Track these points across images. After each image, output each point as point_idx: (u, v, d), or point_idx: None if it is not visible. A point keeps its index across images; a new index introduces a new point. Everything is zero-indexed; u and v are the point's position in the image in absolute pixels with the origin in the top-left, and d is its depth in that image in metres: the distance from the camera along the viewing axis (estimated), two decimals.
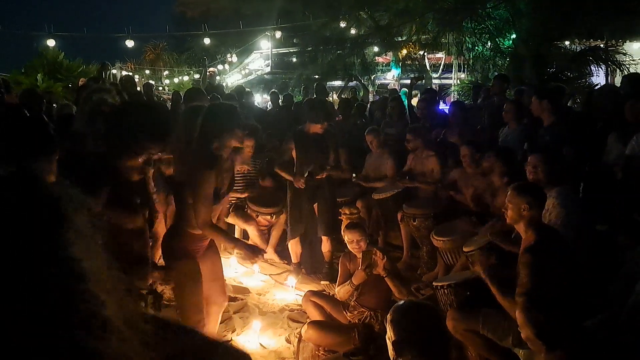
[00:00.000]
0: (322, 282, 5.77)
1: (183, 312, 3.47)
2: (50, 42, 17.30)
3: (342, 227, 4.84)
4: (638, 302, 3.69)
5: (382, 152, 6.62)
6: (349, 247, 4.43)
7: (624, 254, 4.13)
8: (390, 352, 2.39)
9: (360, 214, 6.32)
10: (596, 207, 4.72)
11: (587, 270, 4.20)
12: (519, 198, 3.46)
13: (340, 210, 6.11)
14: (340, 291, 4.32)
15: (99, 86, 6.29)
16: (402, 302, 2.55)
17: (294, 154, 5.76)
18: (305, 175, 5.60)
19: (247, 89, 11.77)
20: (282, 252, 6.43)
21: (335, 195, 6.25)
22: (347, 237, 4.41)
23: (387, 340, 2.42)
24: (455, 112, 7.08)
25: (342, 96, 11.11)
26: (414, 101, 9.46)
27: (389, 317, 2.40)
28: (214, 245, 3.72)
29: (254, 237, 6.44)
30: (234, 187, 6.27)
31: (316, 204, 5.89)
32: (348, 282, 4.24)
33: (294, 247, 5.96)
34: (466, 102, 10.19)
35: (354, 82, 15.81)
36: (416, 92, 10.75)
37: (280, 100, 11.09)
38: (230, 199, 6.32)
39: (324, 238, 5.91)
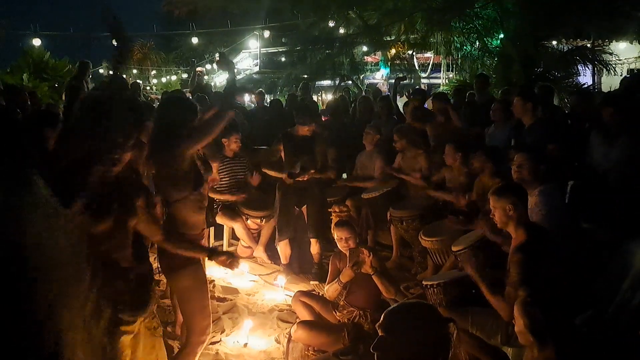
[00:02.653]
0: (312, 282, 5.77)
1: (191, 319, 3.39)
2: (36, 42, 17.16)
3: (332, 225, 4.83)
4: (625, 301, 3.73)
5: (372, 151, 6.62)
6: (338, 244, 4.43)
7: (609, 252, 4.16)
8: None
9: (350, 212, 6.33)
10: (582, 206, 4.76)
11: (573, 268, 4.23)
12: (502, 201, 3.50)
13: (330, 209, 6.13)
14: (329, 290, 4.32)
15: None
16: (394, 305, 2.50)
17: (283, 155, 5.79)
18: (289, 173, 5.63)
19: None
20: (271, 252, 6.42)
21: (325, 197, 6.26)
22: (336, 234, 4.40)
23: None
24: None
25: (334, 96, 11.12)
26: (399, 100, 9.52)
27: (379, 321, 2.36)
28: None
29: (242, 236, 6.42)
30: (226, 189, 6.30)
31: (305, 206, 5.91)
32: (336, 280, 4.24)
33: (283, 248, 5.96)
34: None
35: (345, 81, 15.82)
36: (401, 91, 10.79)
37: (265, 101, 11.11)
38: (220, 201, 6.32)
39: (313, 240, 5.92)
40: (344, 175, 7.25)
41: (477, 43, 11.19)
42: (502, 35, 10.59)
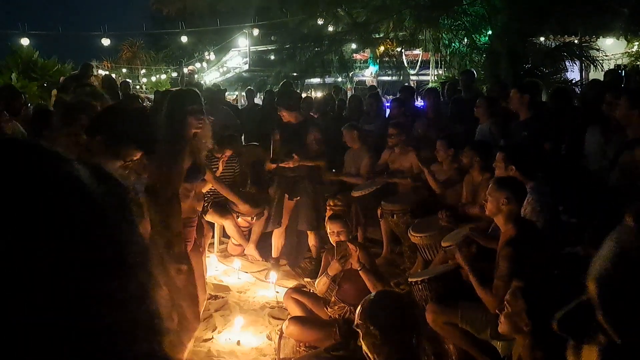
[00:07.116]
0: (306, 280, 5.77)
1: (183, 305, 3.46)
2: (25, 41, 17.01)
3: (326, 218, 4.86)
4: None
5: (360, 148, 6.63)
6: (330, 238, 4.45)
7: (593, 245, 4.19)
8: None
9: (344, 206, 6.34)
10: (567, 200, 4.78)
11: (558, 261, 4.27)
12: (498, 192, 3.54)
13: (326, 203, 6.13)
14: (319, 283, 4.35)
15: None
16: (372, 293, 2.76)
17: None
18: (272, 159, 5.67)
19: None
20: (262, 250, 6.42)
21: (318, 190, 6.15)
22: (329, 228, 4.44)
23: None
24: (430, 101, 7.21)
25: (323, 93, 11.15)
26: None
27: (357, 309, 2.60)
28: (195, 244, 3.71)
29: (232, 234, 6.41)
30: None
31: (297, 198, 5.88)
32: (324, 273, 4.28)
33: (277, 239, 5.92)
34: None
35: (332, 78, 15.85)
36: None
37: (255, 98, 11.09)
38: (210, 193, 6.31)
39: (310, 233, 5.91)
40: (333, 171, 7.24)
41: (466, 40, 11.25)
42: (490, 32, 10.65)
